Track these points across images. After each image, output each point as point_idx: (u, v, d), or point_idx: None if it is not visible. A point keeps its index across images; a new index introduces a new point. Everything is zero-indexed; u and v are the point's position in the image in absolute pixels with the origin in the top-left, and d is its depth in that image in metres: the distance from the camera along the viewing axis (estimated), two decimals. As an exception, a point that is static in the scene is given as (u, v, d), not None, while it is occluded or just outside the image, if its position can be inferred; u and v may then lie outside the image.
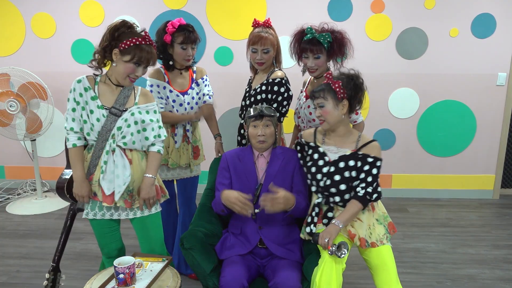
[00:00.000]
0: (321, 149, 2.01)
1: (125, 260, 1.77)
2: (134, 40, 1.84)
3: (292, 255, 2.05)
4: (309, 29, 2.26)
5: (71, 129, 1.92)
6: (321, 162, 1.98)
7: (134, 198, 2.01)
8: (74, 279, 2.75)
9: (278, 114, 2.38)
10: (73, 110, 1.91)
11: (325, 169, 1.96)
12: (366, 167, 1.92)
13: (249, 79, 2.59)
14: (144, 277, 1.82)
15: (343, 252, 1.78)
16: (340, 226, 1.87)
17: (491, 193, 4.29)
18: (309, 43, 2.25)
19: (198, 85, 2.52)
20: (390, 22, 3.95)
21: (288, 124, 2.80)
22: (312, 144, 2.06)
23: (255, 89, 2.41)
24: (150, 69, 2.34)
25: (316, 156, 2.01)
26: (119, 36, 1.85)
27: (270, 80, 2.34)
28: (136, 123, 1.94)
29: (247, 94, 2.50)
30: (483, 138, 4.18)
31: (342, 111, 1.94)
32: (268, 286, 1.92)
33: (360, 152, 1.94)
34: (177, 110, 2.41)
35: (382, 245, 1.96)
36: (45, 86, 3.83)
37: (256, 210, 2.06)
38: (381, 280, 1.92)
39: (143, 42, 1.86)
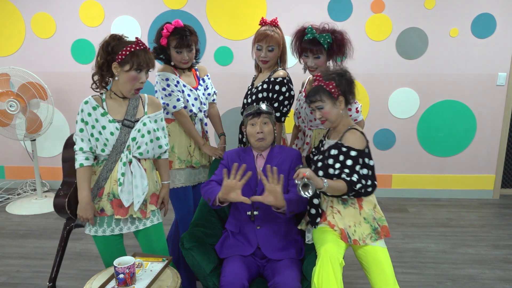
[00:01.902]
0: (324, 142, 2.12)
1: (125, 260, 1.76)
2: (128, 48, 1.85)
3: (287, 253, 2.05)
4: (309, 29, 2.26)
5: (80, 149, 1.91)
6: (317, 152, 2.11)
7: (148, 208, 2.03)
8: (74, 279, 2.75)
9: (278, 114, 2.38)
10: (81, 130, 1.91)
11: (315, 157, 2.07)
12: (341, 157, 1.94)
13: (253, 78, 2.60)
14: (144, 277, 1.81)
15: (307, 192, 1.75)
16: (325, 184, 1.83)
17: (491, 193, 4.29)
18: (309, 43, 2.26)
19: (204, 81, 2.53)
20: (390, 22, 3.95)
21: (289, 124, 2.80)
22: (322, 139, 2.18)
23: (256, 87, 2.41)
24: (158, 66, 2.36)
25: (318, 149, 2.14)
26: (113, 50, 1.86)
27: (272, 79, 2.35)
28: (149, 132, 1.96)
29: (249, 92, 2.50)
30: (483, 138, 4.18)
31: (340, 107, 2.00)
32: (267, 286, 1.92)
33: (339, 142, 2.00)
34: (192, 105, 2.39)
35: (376, 246, 1.95)
36: (45, 86, 3.83)
37: (255, 212, 2.07)
38: (377, 283, 1.89)
39: (137, 48, 1.87)
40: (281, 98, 2.35)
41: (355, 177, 1.91)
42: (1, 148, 4.48)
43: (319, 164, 2.00)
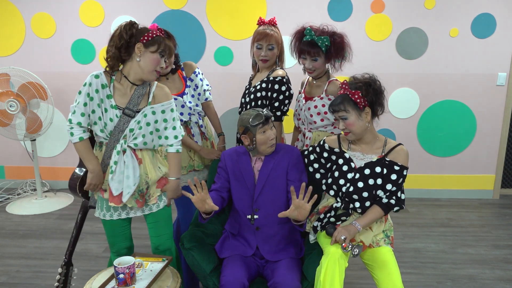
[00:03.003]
0: (347, 155, 1.98)
1: (125, 260, 1.77)
2: (155, 32, 1.87)
3: (287, 253, 2.05)
4: (308, 31, 2.25)
5: (78, 123, 1.86)
6: (345, 168, 1.95)
7: (149, 195, 2.00)
8: (74, 279, 2.75)
9: (279, 113, 2.38)
10: (85, 104, 1.85)
11: (349, 175, 1.93)
12: (394, 176, 1.88)
13: (250, 77, 2.59)
14: (144, 277, 1.82)
15: (356, 252, 1.81)
16: (359, 229, 1.87)
17: (491, 193, 4.29)
18: (307, 45, 2.25)
19: (192, 80, 2.46)
20: (390, 22, 3.95)
21: (288, 124, 2.80)
22: (336, 150, 2.02)
23: (254, 86, 2.41)
24: None
25: (341, 161, 1.98)
26: (137, 31, 1.86)
27: (271, 78, 2.34)
28: (148, 124, 1.92)
29: (246, 91, 2.50)
30: (483, 138, 4.18)
31: (366, 119, 1.91)
32: (267, 286, 1.92)
33: (387, 159, 1.92)
34: (181, 113, 2.36)
35: (382, 246, 1.95)
36: (45, 86, 3.83)
37: (255, 216, 2.07)
38: (384, 282, 1.87)
39: (162, 34, 1.90)
40: (281, 97, 2.34)
41: (393, 199, 1.90)
42: (1, 148, 4.48)
43: (360, 184, 1.90)
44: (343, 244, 1.82)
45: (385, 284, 1.86)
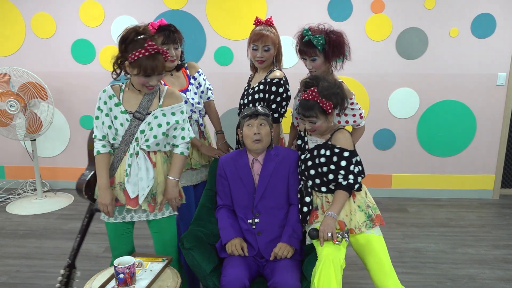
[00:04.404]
0: (305, 138, 2.14)
1: (125, 260, 1.77)
2: (137, 53, 1.81)
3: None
4: (305, 31, 2.23)
5: (95, 136, 1.96)
6: (303, 150, 2.13)
7: (157, 201, 2.02)
8: (76, 282, 2.74)
9: (276, 115, 2.37)
10: (97, 118, 1.95)
11: (303, 156, 2.10)
12: (335, 158, 1.98)
13: (249, 78, 2.59)
14: (144, 277, 1.82)
15: (346, 238, 1.89)
16: (335, 217, 1.93)
17: (491, 193, 4.29)
18: (305, 45, 2.23)
19: (195, 79, 2.47)
20: (390, 22, 3.95)
21: (285, 124, 2.79)
22: (302, 133, 2.18)
23: (253, 88, 2.40)
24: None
25: (301, 143, 2.16)
26: (127, 48, 1.85)
27: (268, 80, 2.33)
28: (159, 125, 1.94)
29: (245, 93, 2.49)
30: (483, 138, 4.18)
31: (331, 119, 2.02)
32: (267, 286, 1.93)
33: (329, 142, 2.03)
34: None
35: (364, 233, 1.98)
36: (45, 86, 3.83)
37: (256, 220, 2.08)
38: (374, 272, 1.95)
39: (146, 54, 1.82)
40: (278, 99, 2.33)
41: (351, 178, 1.97)
42: (1, 148, 4.48)
43: (309, 163, 2.04)
44: (334, 240, 1.86)
45: (375, 272, 1.94)
